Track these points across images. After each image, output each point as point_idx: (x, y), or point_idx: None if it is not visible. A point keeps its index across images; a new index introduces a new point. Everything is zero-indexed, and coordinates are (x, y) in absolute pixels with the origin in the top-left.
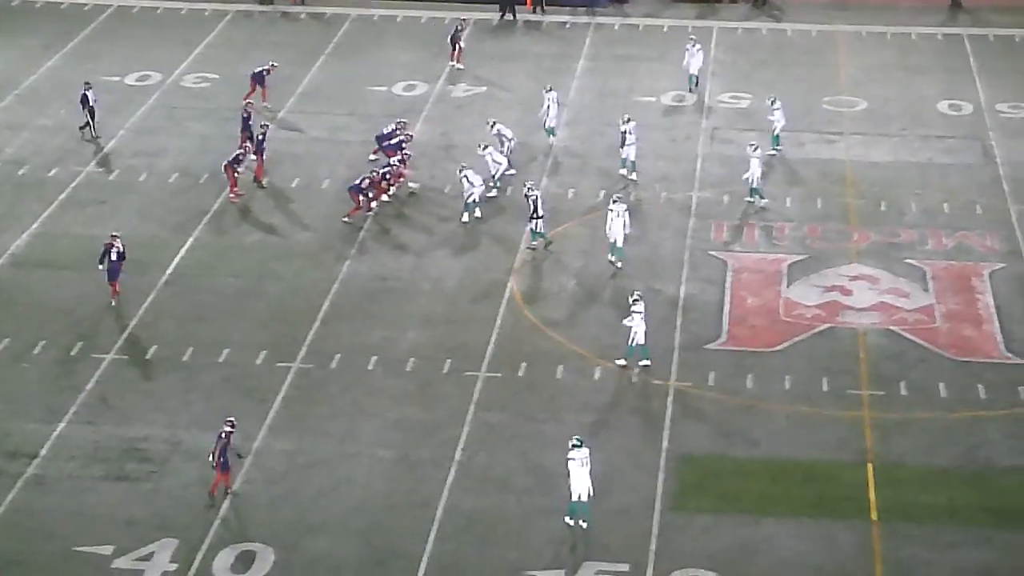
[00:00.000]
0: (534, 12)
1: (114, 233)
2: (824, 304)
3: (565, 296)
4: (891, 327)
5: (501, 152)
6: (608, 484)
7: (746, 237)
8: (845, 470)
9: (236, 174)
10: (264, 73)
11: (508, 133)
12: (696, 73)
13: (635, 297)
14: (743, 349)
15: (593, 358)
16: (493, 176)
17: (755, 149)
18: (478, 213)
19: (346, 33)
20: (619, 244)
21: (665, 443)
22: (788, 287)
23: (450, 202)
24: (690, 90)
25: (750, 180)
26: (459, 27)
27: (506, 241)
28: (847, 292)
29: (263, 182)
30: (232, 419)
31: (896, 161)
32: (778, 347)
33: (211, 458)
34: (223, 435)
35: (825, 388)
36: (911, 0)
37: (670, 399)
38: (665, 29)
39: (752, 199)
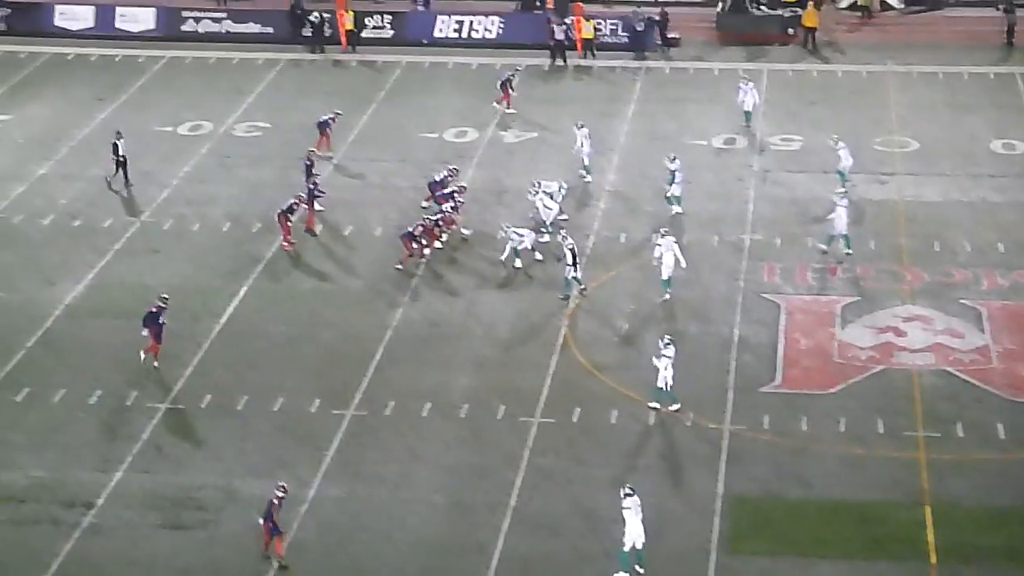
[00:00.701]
0: (584, 57)
1: (164, 296)
2: (878, 346)
3: (617, 340)
4: (946, 368)
5: (552, 199)
6: (663, 528)
7: (799, 279)
8: (901, 512)
9: (289, 223)
10: (329, 121)
11: (553, 187)
12: (751, 110)
13: (667, 341)
14: (797, 392)
15: (646, 402)
16: (546, 222)
17: (842, 197)
18: (539, 256)
19: (397, 80)
20: (664, 277)
21: (720, 486)
22: (842, 329)
23: (502, 247)
24: (745, 126)
25: (836, 228)
26: (512, 74)
27: (558, 285)
28: (901, 333)
29: (315, 231)
30: (284, 484)
31: (949, 200)
32: (832, 389)
33: (261, 521)
34: (276, 500)
35: (880, 430)
36: (962, 39)
37: (724, 442)
38: (715, 72)
39: (826, 247)
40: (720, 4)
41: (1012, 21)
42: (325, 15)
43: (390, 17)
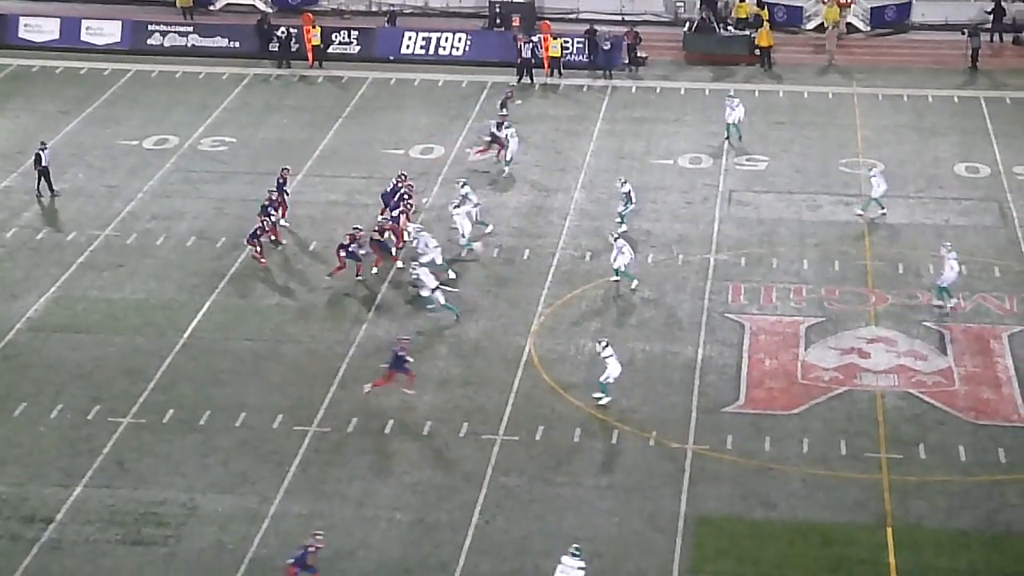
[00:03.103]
0: (551, 75)
1: (405, 336)
2: (842, 367)
3: (582, 359)
4: (909, 390)
5: (468, 214)
6: (625, 548)
7: (763, 299)
8: (863, 533)
9: (259, 246)
10: (497, 126)
11: (475, 198)
12: (736, 123)
13: (604, 344)
14: (761, 412)
15: (610, 421)
16: (463, 234)
17: (950, 250)
18: (452, 275)
19: (363, 96)
20: (623, 268)
21: (683, 506)
22: (806, 350)
23: (469, 265)
24: (728, 139)
25: (944, 280)
26: (508, 94)
27: (523, 304)
28: (865, 355)
29: (281, 240)
30: (321, 534)
31: (913, 223)
32: (796, 410)
33: (289, 562)
34: (312, 548)
35: (843, 451)
36: (927, 63)
37: (688, 462)
38: (682, 92)
39: (942, 302)
40: (687, 24)
41: (976, 45)
42: (292, 30)
43: (357, 33)
